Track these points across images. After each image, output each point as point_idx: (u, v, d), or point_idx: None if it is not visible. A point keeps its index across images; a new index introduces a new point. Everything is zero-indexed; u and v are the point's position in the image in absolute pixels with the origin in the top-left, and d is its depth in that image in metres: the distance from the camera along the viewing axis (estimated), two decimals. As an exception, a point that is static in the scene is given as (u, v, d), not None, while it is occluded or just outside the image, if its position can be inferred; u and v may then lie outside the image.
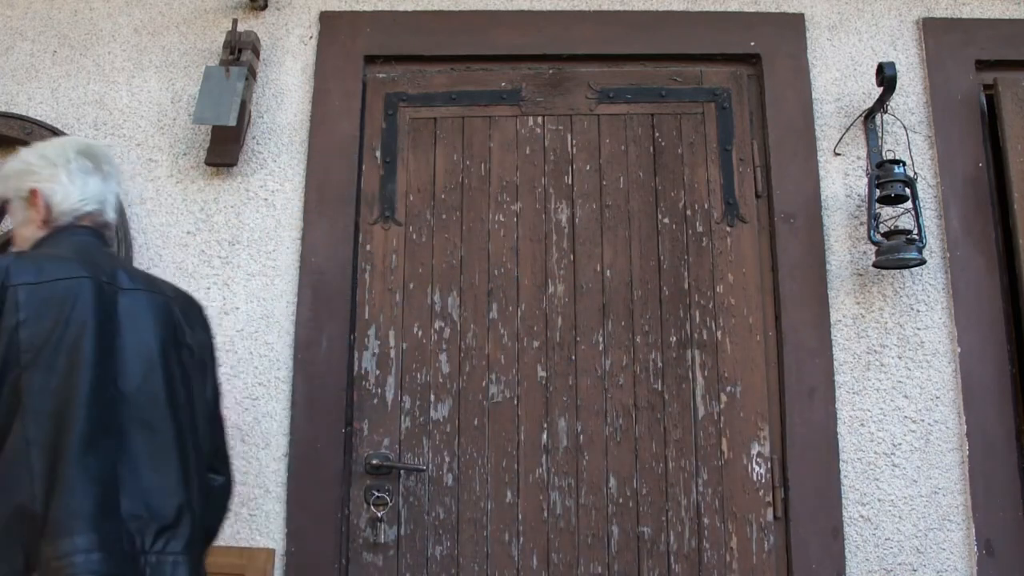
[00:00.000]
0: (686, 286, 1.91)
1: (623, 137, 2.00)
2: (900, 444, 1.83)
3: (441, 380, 1.88)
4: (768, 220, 1.94)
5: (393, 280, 1.93)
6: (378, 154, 1.99)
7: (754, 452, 1.83)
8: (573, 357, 1.89)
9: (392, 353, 1.89)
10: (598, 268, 1.93)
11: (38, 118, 1.97)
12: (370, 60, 2.04)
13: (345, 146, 1.97)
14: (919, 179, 1.94)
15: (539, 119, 2.02)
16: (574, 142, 2.00)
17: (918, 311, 1.89)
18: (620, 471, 1.83)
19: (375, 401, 1.87)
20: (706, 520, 1.81)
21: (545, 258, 1.94)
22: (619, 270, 1.92)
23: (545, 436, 1.85)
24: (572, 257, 1.94)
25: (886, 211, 1.89)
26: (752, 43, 2.02)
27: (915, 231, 1.82)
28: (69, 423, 1.19)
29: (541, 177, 1.98)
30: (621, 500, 1.82)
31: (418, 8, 2.06)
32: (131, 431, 1.25)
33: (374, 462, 1.82)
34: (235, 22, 1.96)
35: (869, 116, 1.96)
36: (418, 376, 1.88)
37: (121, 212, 1.90)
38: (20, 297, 1.22)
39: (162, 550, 1.23)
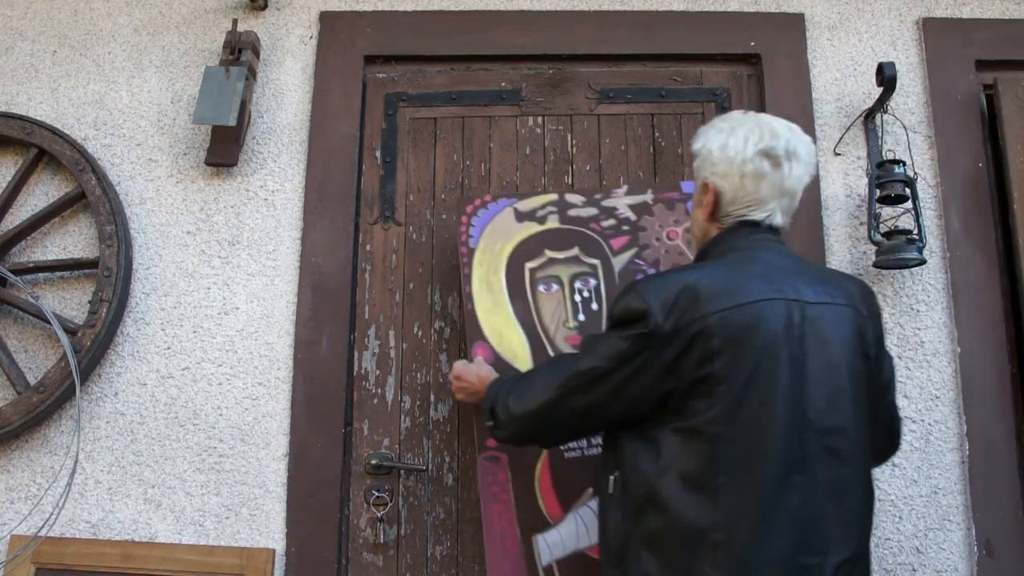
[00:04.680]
0: (686, 286, 1.91)
1: (623, 137, 2.00)
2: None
3: (441, 380, 1.88)
4: (768, 220, 1.94)
5: (393, 280, 1.93)
6: (378, 154, 1.99)
7: (754, 452, 1.83)
8: (573, 357, 1.89)
9: (392, 353, 1.89)
10: (598, 268, 1.93)
11: (38, 118, 1.97)
12: (370, 60, 2.04)
13: (345, 146, 1.97)
14: (919, 179, 1.94)
15: (539, 119, 2.02)
16: (574, 142, 2.00)
17: (918, 311, 1.89)
18: (620, 471, 1.83)
19: (375, 401, 1.87)
20: (706, 520, 1.81)
21: (545, 258, 1.94)
22: (619, 270, 1.93)
23: (545, 436, 1.85)
24: (572, 257, 1.94)
25: (886, 211, 1.89)
26: (752, 43, 2.02)
27: (915, 231, 1.82)
28: (762, 459, 1.17)
29: (541, 177, 1.98)
30: (621, 500, 1.82)
31: (418, 8, 2.06)
32: (818, 464, 1.19)
33: (374, 462, 1.82)
34: (235, 22, 1.96)
35: (869, 116, 1.96)
36: (418, 376, 1.88)
37: (120, 211, 1.90)
38: (713, 325, 1.19)
39: None
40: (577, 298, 1.74)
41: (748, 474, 1.17)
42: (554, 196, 1.80)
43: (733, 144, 1.33)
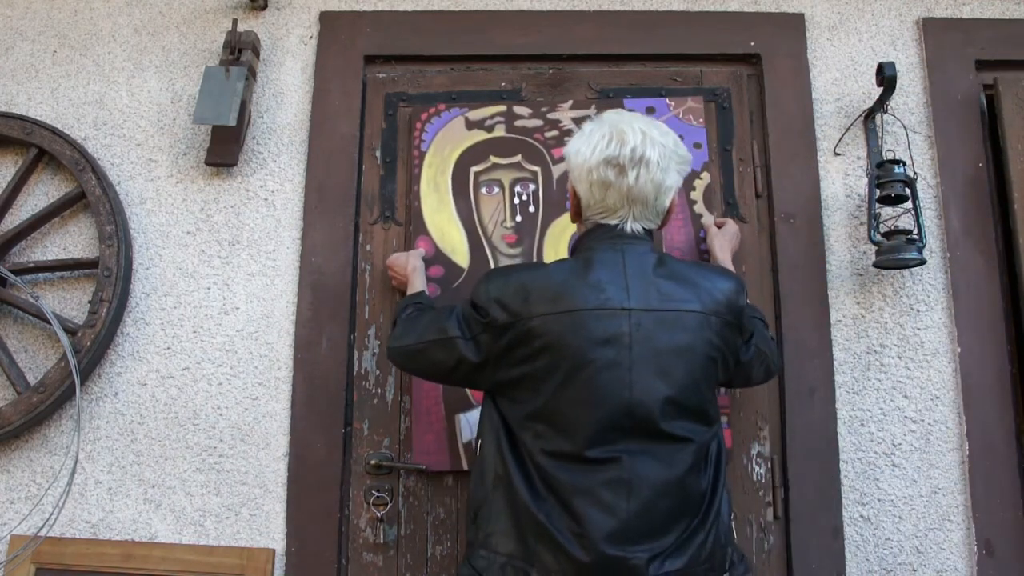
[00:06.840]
0: (686, 286, 1.91)
1: (623, 137, 1.99)
2: (900, 444, 1.83)
3: (441, 380, 1.87)
4: (768, 220, 1.94)
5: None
6: (378, 154, 1.99)
7: (754, 452, 1.83)
8: (573, 357, 1.89)
9: (392, 353, 1.89)
10: (598, 268, 1.93)
11: (38, 118, 1.97)
12: (370, 60, 2.04)
13: (345, 146, 1.97)
14: (919, 179, 1.94)
15: (539, 119, 2.02)
16: (574, 142, 2.00)
17: (918, 311, 1.89)
18: (620, 471, 1.83)
19: (375, 401, 1.87)
20: (706, 520, 1.81)
21: (545, 258, 1.94)
22: (619, 270, 1.93)
23: (545, 436, 1.85)
24: (572, 257, 1.94)
25: (886, 211, 1.89)
26: (752, 43, 2.02)
27: (915, 231, 1.82)
28: (573, 451, 1.25)
29: (541, 177, 1.99)
30: (621, 500, 1.82)
31: (418, 8, 2.06)
32: (637, 468, 1.24)
33: (374, 462, 1.82)
34: (235, 22, 1.96)
35: (869, 116, 1.96)
36: (418, 376, 1.88)
37: (120, 211, 1.90)
38: (536, 327, 1.27)
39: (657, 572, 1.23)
40: (516, 201, 1.90)
41: (562, 471, 1.25)
42: (503, 107, 1.97)
43: (583, 151, 1.36)
